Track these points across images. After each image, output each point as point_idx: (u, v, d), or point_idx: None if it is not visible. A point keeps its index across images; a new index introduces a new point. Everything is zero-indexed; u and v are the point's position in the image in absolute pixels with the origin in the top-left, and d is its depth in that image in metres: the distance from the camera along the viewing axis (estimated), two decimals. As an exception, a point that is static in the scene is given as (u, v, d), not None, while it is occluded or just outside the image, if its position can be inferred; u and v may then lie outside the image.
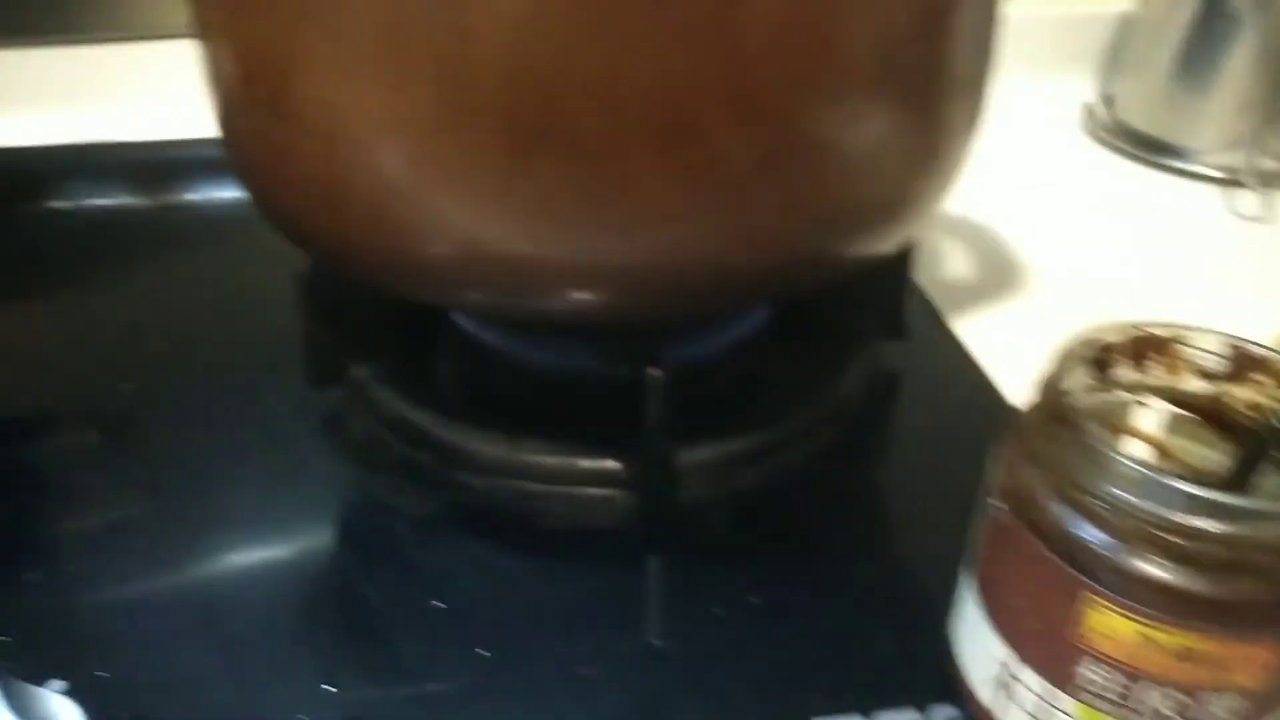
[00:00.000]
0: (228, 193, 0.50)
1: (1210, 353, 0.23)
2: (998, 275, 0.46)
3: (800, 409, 0.33)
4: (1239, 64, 0.54)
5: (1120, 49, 0.64)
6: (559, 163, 0.23)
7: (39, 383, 0.39)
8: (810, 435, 0.33)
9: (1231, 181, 0.54)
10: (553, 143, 0.23)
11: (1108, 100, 0.62)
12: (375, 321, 0.35)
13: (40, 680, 0.25)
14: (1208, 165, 0.56)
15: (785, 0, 0.22)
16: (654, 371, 0.28)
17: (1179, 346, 0.23)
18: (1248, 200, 0.53)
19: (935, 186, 0.28)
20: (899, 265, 0.34)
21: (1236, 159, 0.54)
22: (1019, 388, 0.37)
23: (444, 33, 0.22)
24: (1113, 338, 0.23)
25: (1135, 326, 0.23)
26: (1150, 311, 0.41)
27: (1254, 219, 0.52)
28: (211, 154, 0.49)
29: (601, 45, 0.21)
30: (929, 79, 0.26)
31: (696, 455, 0.31)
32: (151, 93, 0.55)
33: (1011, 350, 0.40)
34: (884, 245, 0.28)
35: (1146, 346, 0.23)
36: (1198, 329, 0.23)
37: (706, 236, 0.24)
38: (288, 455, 0.35)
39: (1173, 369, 0.23)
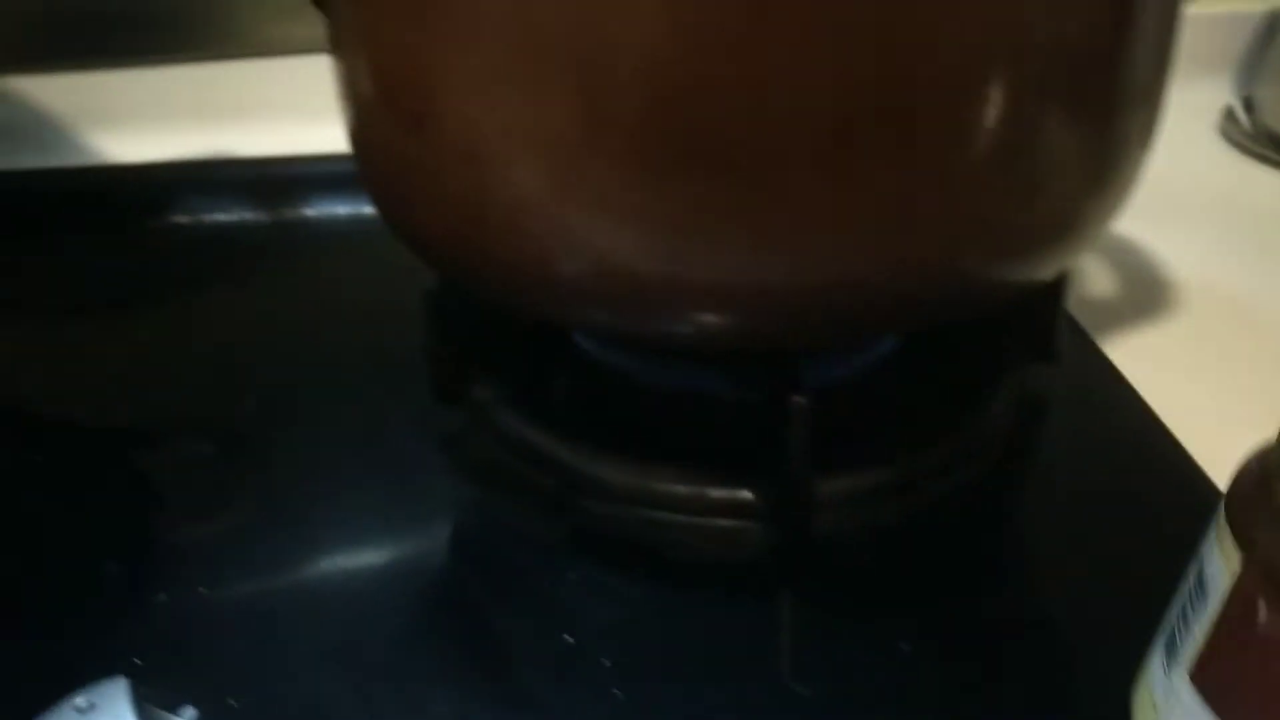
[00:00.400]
0: (345, 208, 0.50)
1: None
2: (1143, 293, 0.44)
3: (945, 437, 0.31)
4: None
5: (1262, 50, 0.60)
6: (707, 177, 0.22)
7: (161, 396, 0.40)
8: (955, 465, 0.31)
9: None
10: (701, 157, 0.21)
11: (1248, 104, 0.58)
12: (499, 340, 0.35)
13: (174, 708, 0.25)
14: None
15: (960, 23, 0.20)
16: (797, 399, 0.26)
17: None
18: None
19: (1108, 206, 0.26)
20: (1051, 284, 0.32)
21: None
22: (1176, 413, 0.35)
23: (588, 45, 0.21)
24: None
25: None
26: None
27: None
28: (329, 169, 0.51)
29: (754, 53, 0.20)
30: (1108, 88, 0.24)
31: (835, 486, 0.29)
32: (270, 109, 0.56)
33: (1163, 371, 0.37)
34: (1049, 270, 0.26)
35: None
36: None
37: (859, 257, 0.23)
38: (409, 475, 0.34)
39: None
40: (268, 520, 0.33)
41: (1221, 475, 0.32)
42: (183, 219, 0.50)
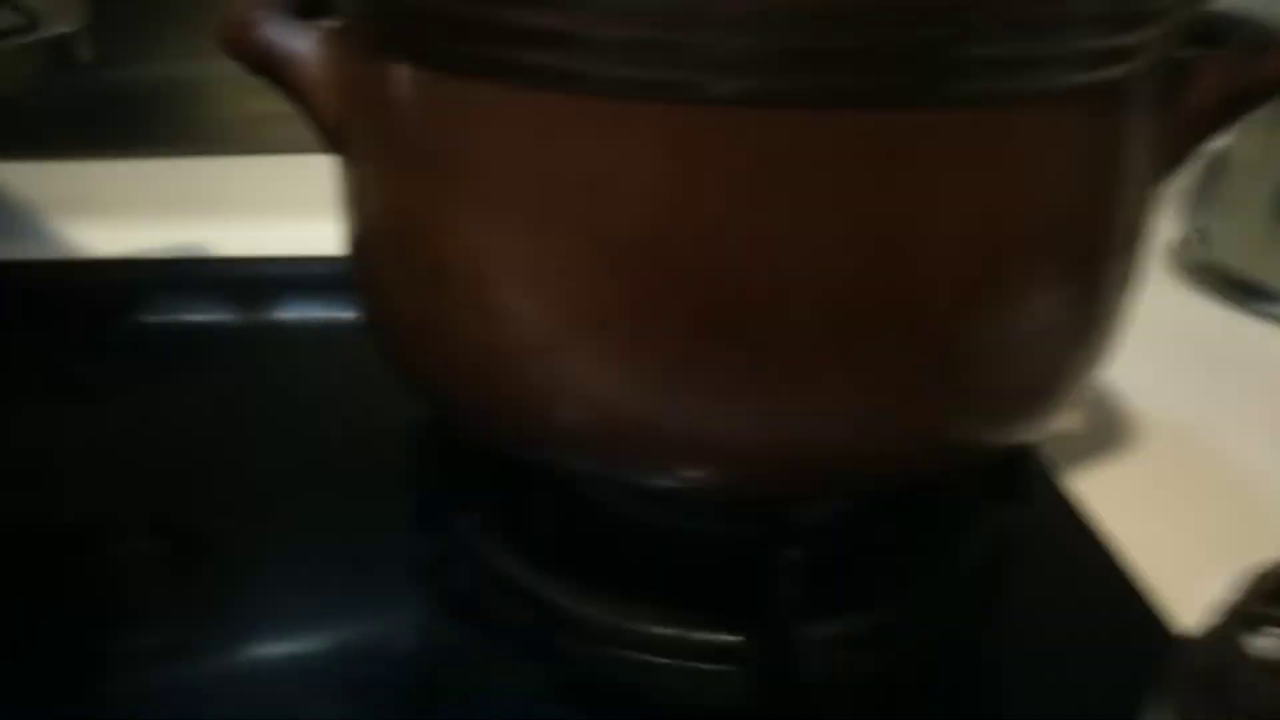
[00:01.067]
0: (319, 311, 0.50)
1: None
2: (1103, 427, 0.45)
3: (922, 580, 0.32)
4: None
5: (1213, 184, 0.63)
6: (713, 348, 0.22)
7: (114, 500, 0.38)
8: (932, 610, 0.32)
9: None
10: (707, 329, 0.22)
11: (1201, 236, 0.61)
12: (484, 470, 0.35)
13: None
14: (1301, 313, 0.54)
15: (961, 218, 0.21)
16: (790, 551, 0.27)
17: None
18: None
19: (1094, 364, 0.27)
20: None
21: (1340, 308, 0.53)
22: (1136, 551, 0.36)
23: (606, 220, 0.22)
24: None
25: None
26: (1257, 477, 0.41)
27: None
28: (304, 272, 0.51)
29: (765, 240, 0.21)
30: (1095, 260, 0.25)
31: (821, 632, 0.29)
32: (250, 207, 0.56)
33: (1123, 508, 0.38)
34: (1037, 430, 0.27)
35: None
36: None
37: (860, 427, 0.24)
38: (380, 602, 0.33)
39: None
40: (216, 637, 0.31)
41: (1178, 617, 0.33)
42: (152, 318, 0.50)
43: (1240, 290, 0.57)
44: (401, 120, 0.24)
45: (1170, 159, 0.26)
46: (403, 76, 0.24)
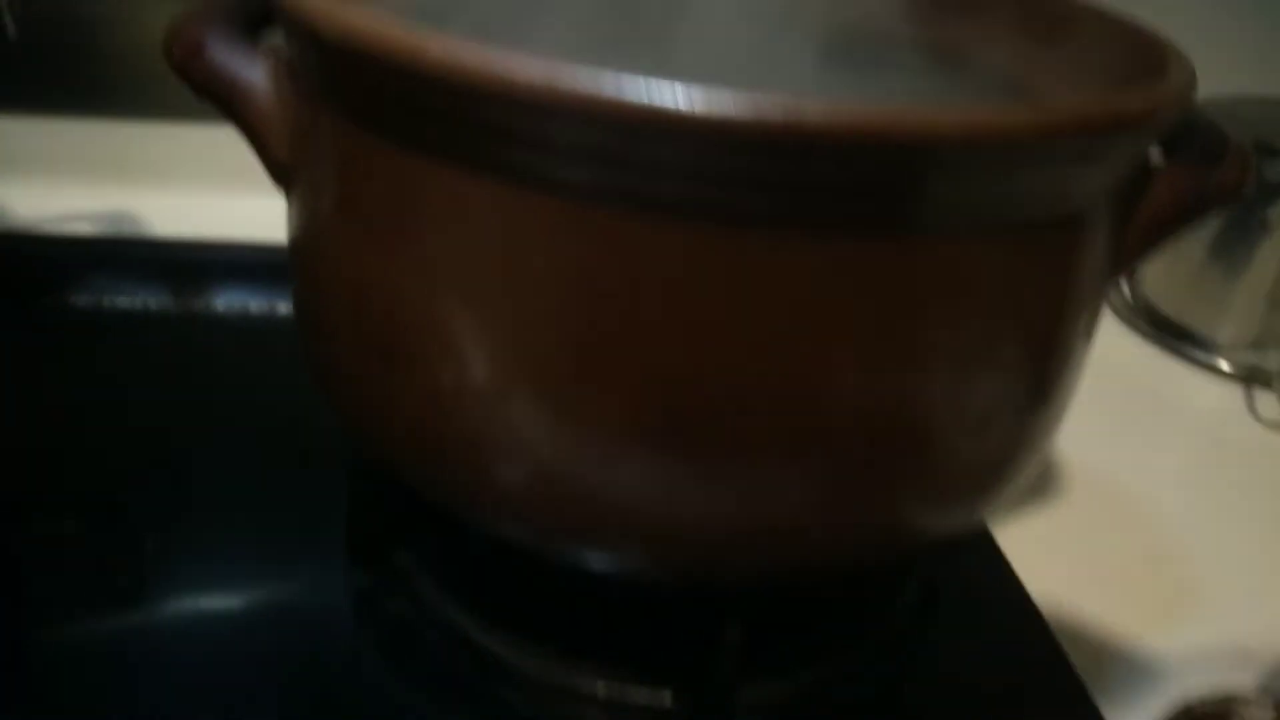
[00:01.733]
0: (258, 302, 0.48)
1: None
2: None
3: (855, 637, 0.32)
4: (1271, 262, 0.55)
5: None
6: (682, 451, 0.22)
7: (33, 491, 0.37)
8: (864, 667, 0.32)
9: (1255, 381, 0.54)
10: (677, 435, 0.22)
11: (1132, 274, 0.62)
12: (426, 510, 0.34)
13: None
14: (1231, 360, 0.56)
15: (918, 337, 0.22)
16: (730, 628, 0.27)
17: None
18: (1271, 404, 0.53)
19: (1044, 446, 0.28)
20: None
21: (1262, 358, 0.55)
22: (1055, 601, 0.37)
23: (562, 323, 0.22)
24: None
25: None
26: (1171, 524, 0.42)
27: (1275, 425, 0.52)
28: (243, 257, 0.49)
29: (735, 355, 0.21)
30: (1049, 364, 0.26)
31: (756, 693, 0.30)
32: (186, 176, 0.54)
33: (1043, 556, 0.39)
34: (984, 514, 0.28)
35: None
36: (1245, 700, 0.23)
37: (808, 525, 0.24)
38: (310, 628, 0.33)
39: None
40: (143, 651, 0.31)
41: (1092, 672, 0.34)
42: (82, 299, 0.48)
43: (1168, 332, 0.58)
44: (352, 186, 0.23)
45: (1125, 263, 0.27)
46: (353, 140, 0.23)
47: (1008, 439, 0.26)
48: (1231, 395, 0.54)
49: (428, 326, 0.22)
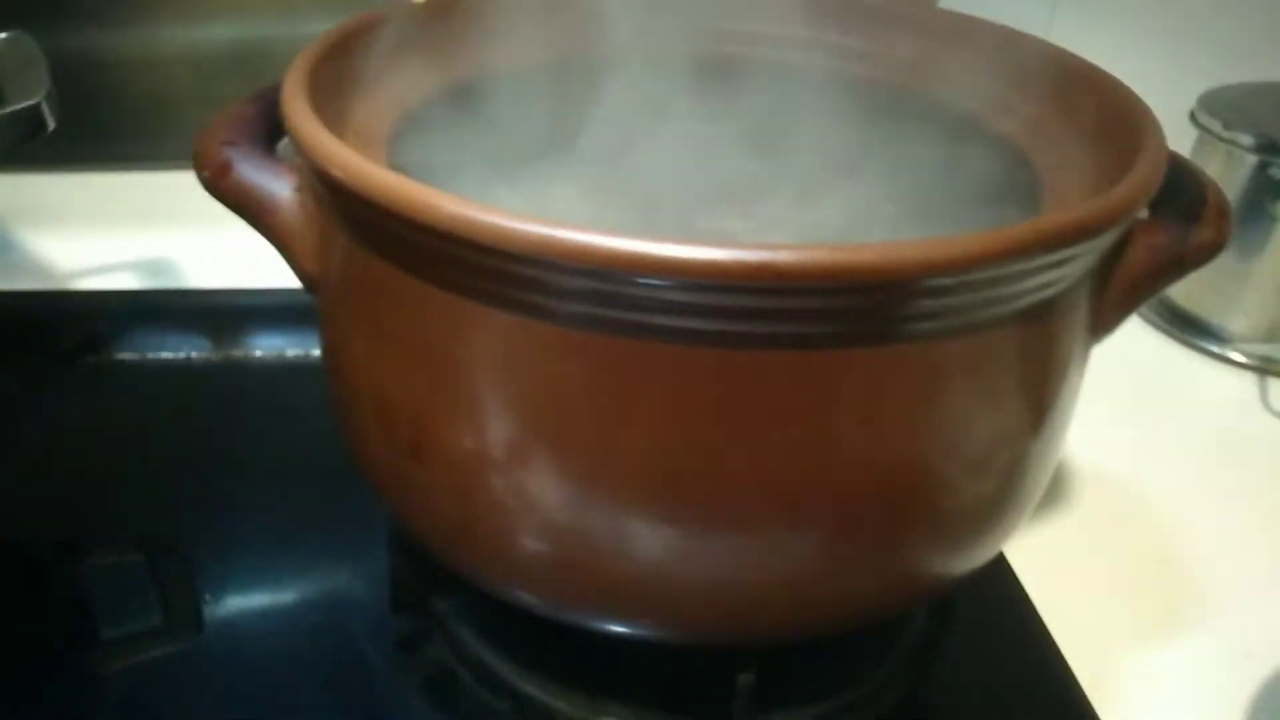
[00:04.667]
0: (296, 348, 0.51)
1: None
2: None
3: (869, 667, 0.34)
4: (1284, 254, 0.55)
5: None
6: (681, 534, 0.24)
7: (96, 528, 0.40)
8: (878, 694, 0.34)
9: (1268, 372, 0.55)
10: (677, 522, 0.24)
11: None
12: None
13: None
14: (1244, 353, 0.57)
15: (903, 429, 0.23)
16: (743, 675, 0.29)
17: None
18: (1283, 397, 0.54)
19: (1030, 505, 0.29)
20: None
21: (1275, 350, 0.55)
22: (1065, 621, 0.38)
23: (578, 432, 0.24)
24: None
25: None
26: (1180, 515, 0.43)
27: (1286, 417, 0.52)
28: (280, 304, 0.51)
29: (724, 453, 0.23)
30: (1033, 438, 0.27)
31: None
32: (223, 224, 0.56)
33: (1056, 573, 0.40)
34: (994, 550, 0.29)
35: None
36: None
37: (814, 597, 0.26)
38: (353, 675, 0.35)
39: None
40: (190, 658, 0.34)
41: (1101, 695, 0.36)
42: (127, 355, 0.50)
43: (1182, 325, 0.59)
44: (370, 304, 0.25)
45: (1105, 326, 0.28)
46: (371, 266, 0.25)
47: (1005, 490, 0.28)
48: (1245, 387, 0.55)
49: (447, 431, 0.25)
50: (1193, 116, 0.57)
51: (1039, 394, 0.26)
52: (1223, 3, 0.65)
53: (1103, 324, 0.27)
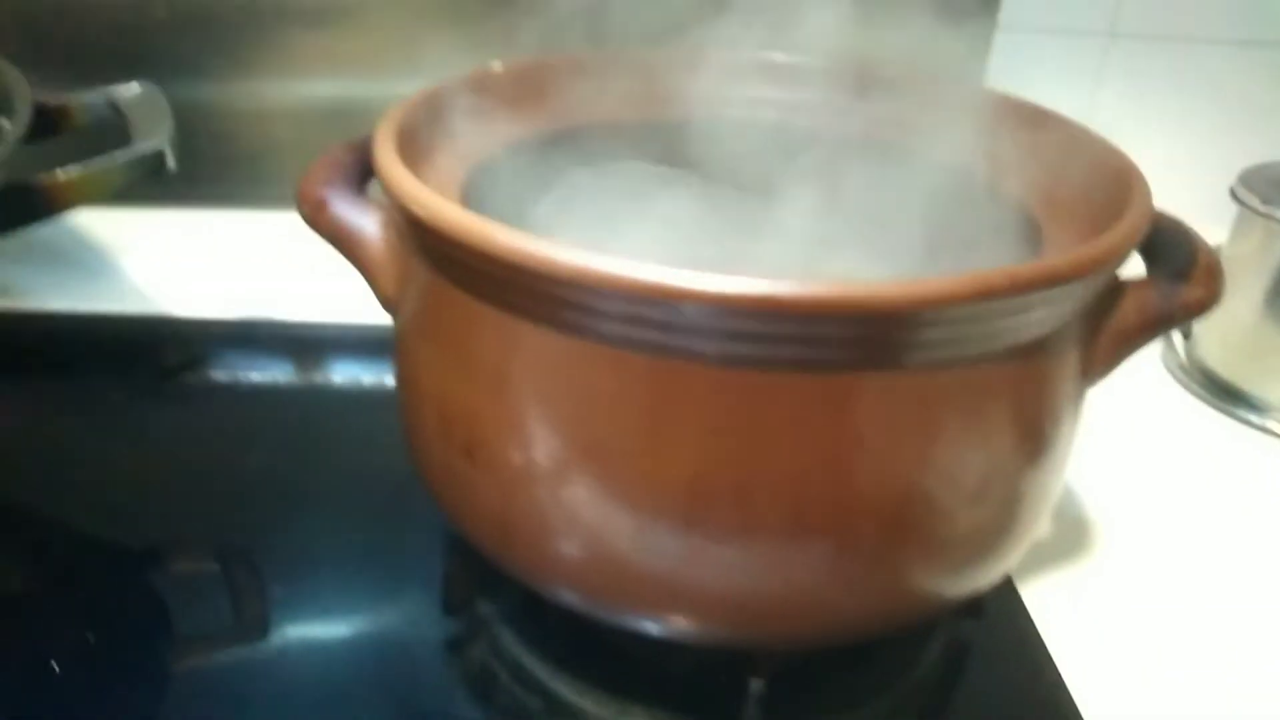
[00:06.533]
0: (370, 375, 0.55)
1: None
2: (1067, 530, 0.48)
3: (879, 691, 0.37)
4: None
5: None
6: (708, 537, 0.28)
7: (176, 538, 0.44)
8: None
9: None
10: (704, 525, 0.27)
11: (1186, 334, 0.63)
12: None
13: None
14: (1286, 424, 0.57)
15: (910, 451, 0.26)
16: (755, 680, 0.32)
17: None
18: (1323, 472, 0.53)
19: (1039, 517, 0.32)
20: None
21: (1316, 424, 0.55)
22: (1083, 672, 0.39)
23: (617, 440, 0.27)
24: None
25: None
26: (1206, 577, 0.43)
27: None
28: (357, 336, 0.56)
29: (748, 464, 0.26)
30: (1030, 469, 0.30)
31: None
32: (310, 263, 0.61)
33: (1076, 624, 0.41)
34: (985, 581, 0.32)
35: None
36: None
37: (820, 607, 0.29)
38: (405, 672, 0.38)
39: None
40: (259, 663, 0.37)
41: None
42: (220, 375, 0.55)
43: (1223, 393, 0.59)
44: (438, 322, 0.29)
45: (1097, 373, 0.31)
46: (441, 290, 0.29)
47: (999, 518, 0.30)
48: (1282, 457, 0.55)
49: (498, 434, 0.28)
50: (1233, 192, 0.59)
51: (1031, 427, 0.29)
52: (1265, 80, 0.67)
53: (1094, 370, 0.30)
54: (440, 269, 0.28)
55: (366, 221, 0.32)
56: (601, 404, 0.26)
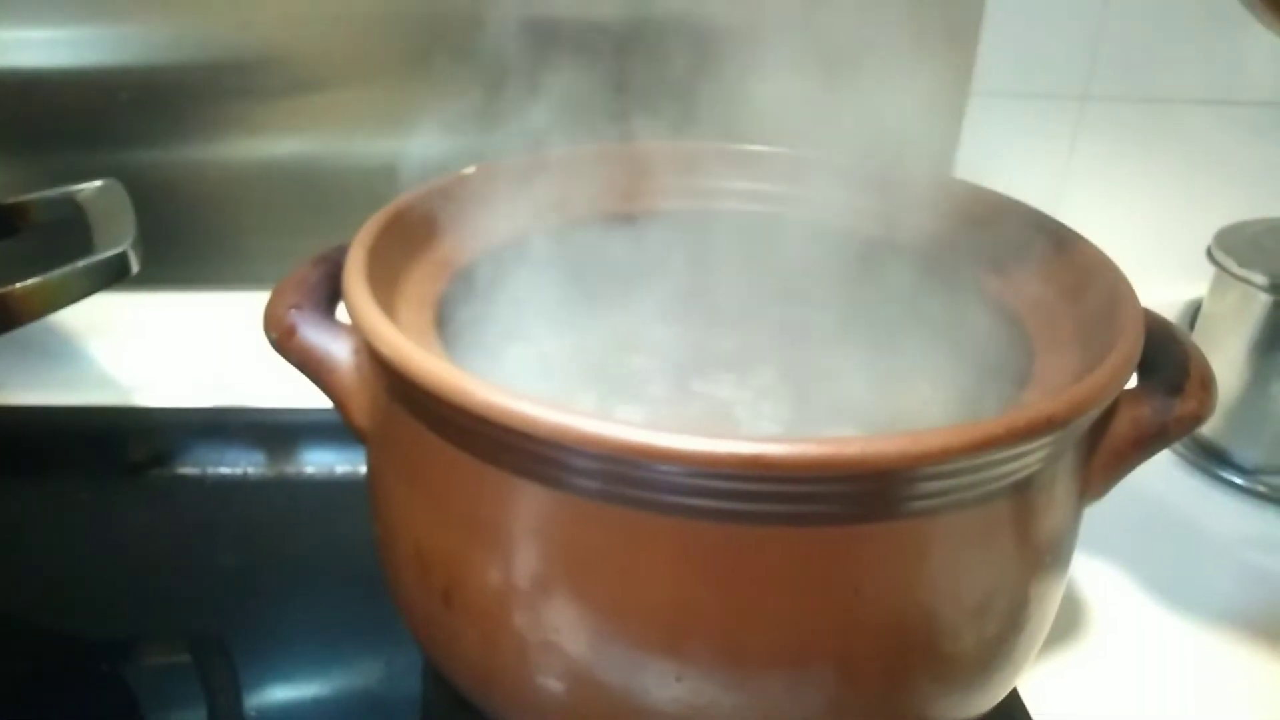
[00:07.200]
0: (344, 465, 0.54)
1: None
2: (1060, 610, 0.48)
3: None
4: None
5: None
6: (700, 685, 0.26)
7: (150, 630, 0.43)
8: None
9: (1290, 506, 0.55)
10: (694, 674, 0.26)
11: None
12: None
13: None
14: (1267, 485, 0.57)
15: (901, 597, 0.25)
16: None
17: None
18: (1309, 536, 0.53)
19: (1038, 637, 0.31)
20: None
21: (1300, 486, 0.55)
22: None
23: (592, 591, 0.26)
24: None
25: None
26: (1207, 663, 0.43)
27: (1314, 560, 0.52)
28: (330, 423, 0.54)
29: (728, 614, 0.25)
30: (1028, 595, 0.29)
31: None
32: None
33: (1074, 697, 0.41)
34: (1000, 694, 0.31)
35: None
36: None
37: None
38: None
39: None
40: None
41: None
42: (189, 469, 0.54)
43: (1207, 456, 0.59)
44: (411, 463, 0.28)
45: (1094, 493, 0.30)
46: (416, 432, 0.28)
47: (1002, 644, 0.29)
48: (1267, 520, 0.55)
49: (476, 582, 0.27)
50: (1209, 253, 0.59)
51: (1030, 558, 0.28)
52: (1240, 139, 0.67)
53: (1091, 491, 0.29)
54: (411, 410, 0.27)
55: (337, 347, 0.31)
56: (584, 557, 0.25)
